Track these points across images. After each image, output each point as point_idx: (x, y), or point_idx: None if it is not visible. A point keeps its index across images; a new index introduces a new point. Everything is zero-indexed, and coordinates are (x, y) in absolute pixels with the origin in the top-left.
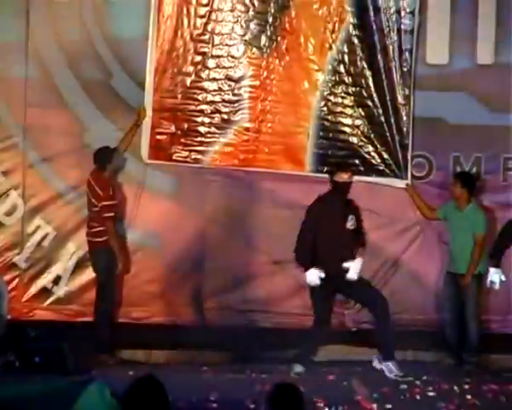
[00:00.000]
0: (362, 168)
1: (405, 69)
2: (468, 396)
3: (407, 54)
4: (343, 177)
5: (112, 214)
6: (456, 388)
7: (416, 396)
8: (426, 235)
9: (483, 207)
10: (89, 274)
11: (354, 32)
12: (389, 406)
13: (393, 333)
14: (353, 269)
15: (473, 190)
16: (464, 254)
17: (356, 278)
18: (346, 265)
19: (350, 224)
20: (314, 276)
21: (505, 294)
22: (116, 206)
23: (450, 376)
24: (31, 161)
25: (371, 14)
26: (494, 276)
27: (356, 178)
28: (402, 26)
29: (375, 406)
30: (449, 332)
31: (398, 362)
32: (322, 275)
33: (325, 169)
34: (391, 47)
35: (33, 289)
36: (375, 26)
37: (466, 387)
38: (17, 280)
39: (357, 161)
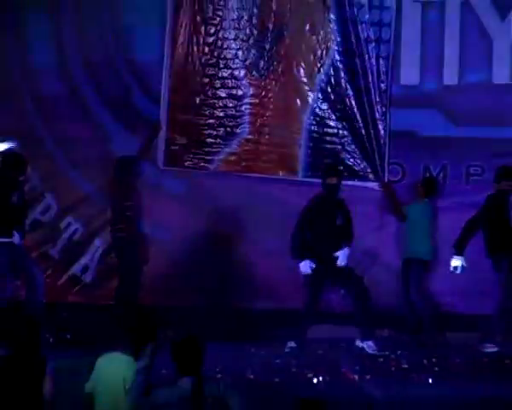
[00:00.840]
0: (345, 173)
1: (382, 89)
2: (436, 368)
3: (383, 76)
4: (332, 180)
5: (130, 213)
6: (425, 361)
7: (392, 368)
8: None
9: (434, 206)
10: (111, 264)
11: (338, 58)
12: (368, 376)
13: (371, 315)
14: (342, 257)
15: (431, 191)
16: (416, 242)
17: (344, 264)
18: (336, 254)
19: (339, 221)
20: (306, 267)
21: (459, 278)
22: (134, 206)
23: (420, 351)
24: (62, 168)
25: (353, 42)
26: (456, 262)
27: (332, 180)
28: (379, 53)
29: (356, 376)
30: (408, 313)
31: (376, 340)
32: (314, 266)
33: (315, 174)
34: (370, 71)
35: (65, 277)
36: (356, 53)
37: (433, 360)
38: (51, 269)
39: (341, 168)
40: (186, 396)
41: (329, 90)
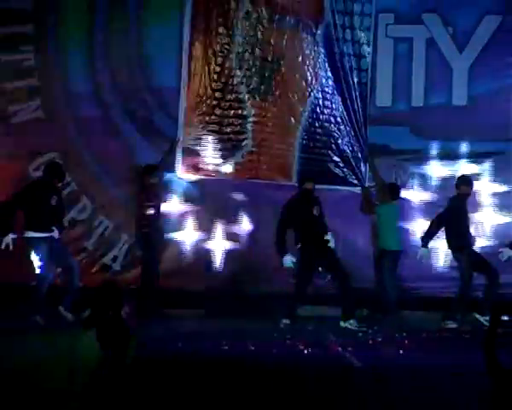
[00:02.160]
0: (331, 179)
1: (362, 110)
2: (406, 341)
3: (363, 99)
4: (308, 186)
5: (148, 213)
6: (396, 335)
7: (369, 341)
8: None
9: (399, 206)
10: (136, 255)
11: (326, 84)
12: (350, 348)
13: (353, 298)
14: (332, 239)
15: (396, 195)
16: (386, 235)
17: (333, 246)
18: (327, 237)
19: (315, 211)
20: (288, 261)
21: (424, 266)
22: (154, 206)
23: (391, 327)
24: (96, 176)
25: (340, 72)
26: (423, 252)
27: (327, 186)
28: (360, 80)
29: (339, 348)
30: (380, 295)
31: (356, 318)
32: (294, 260)
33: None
34: (353, 94)
35: (97, 266)
36: (342, 81)
37: (403, 335)
38: (86, 259)
39: (328, 174)
40: None
41: (318, 110)
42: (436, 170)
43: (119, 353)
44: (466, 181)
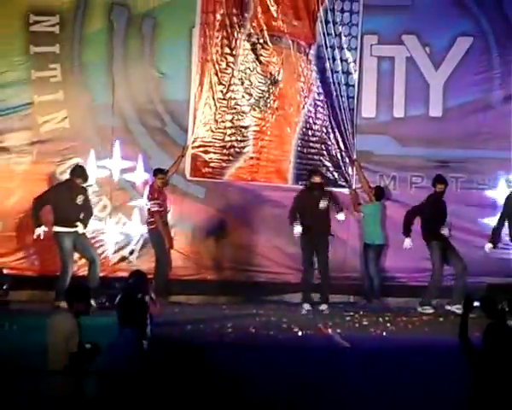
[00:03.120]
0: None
1: (349, 121)
2: (388, 324)
3: (351, 111)
4: (316, 179)
5: (156, 209)
6: (380, 319)
7: (356, 324)
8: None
9: (383, 206)
10: (150, 248)
11: (318, 97)
12: (339, 330)
13: (329, 286)
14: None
15: (380, 196)
16: (371, 230)
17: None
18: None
19: (322, 205)
20: (298, 228)
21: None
22: (161, 205)
23: (376, 311)
24: (115, 177)
25: (330, 87)
26: (406, 242)
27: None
28: (348, 94)
29: (329, 330)
30: (366, 284)
31: (344, 304)
32: (300, 228)
33: (300, 183)
34: (342, 107)
35: (117, 258)
36: (332, 95)
37: (386, 318)
38: (107, 252)
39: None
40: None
41: (311, 121)
42: (414, 173)
43: (140, 331)
44: (440, 180)
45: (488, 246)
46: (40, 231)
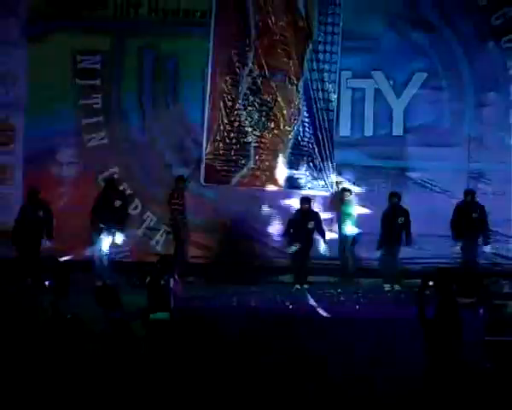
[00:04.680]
0: (308, 185)
1: (330, 138)
2: (361, 299)
3: (331, 130)
4: (304, 206)
5: (176, 207)
6: (354, 295)
7: (334, 299)
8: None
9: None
10: (171, 239)
11: (305, 119)
12: (322, 304)
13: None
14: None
15: (352, 195)
16: (346, 224)
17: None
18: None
19: (310, 225)
20: (293, 248)
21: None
22: (180, 204)
23: (350, 289)
24: (145, 184)
25: (315, 112)
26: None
27: (303, 191)
28: (329, 117)
29: (315, 304)
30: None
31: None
32: (295, 248)
33: (292, 188)
34: (323, 126)
35: (146, 247)
36: (316, 118)
37: (359, 294)
38: (137, 243)
39: (307, 183)
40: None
41: (300, 138)
42: (380, 180)
43: (163, 308)
44: (394, 194)
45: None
46: (101, 231)
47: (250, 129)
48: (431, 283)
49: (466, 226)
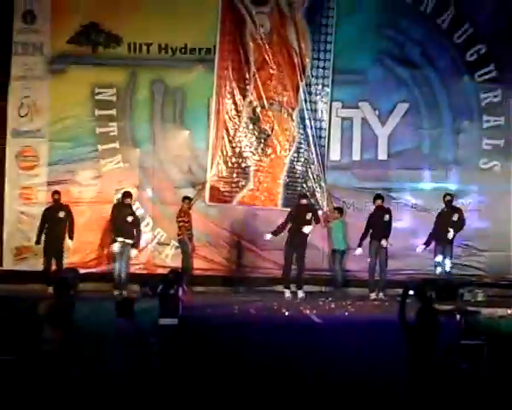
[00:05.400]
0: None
1: (322, 162)
2: (349, 307)
3: (323, 155)
4: (302, 201)
5: (183, 224)
6: (343, 303)
7: (326, 307)
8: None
9: (344, 221)
10: (179, 253)
11: (299, 145)
12: (314, 311)
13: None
14: (306, 229)
15: (341, 214)
16: (336, 239)
17: (307, 231)
18: (304, 229)
19: (308, 217)
20: (269, 236)
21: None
22: (186, 221)
23: (340, 298)
24: (155, 202)
25: (308, 138)
26: (359, 251)
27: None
28: (320, 143)
29: (307, 311)
30: (333, 278)
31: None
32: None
33: (287, 207)
34: (316, 151)
35: (157, 260)
36: (310, 143)
37: (348, 303)
38: (149, 256)
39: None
40: None
41: (294, 162)
42: (367, 200)
43: (172, 314)
44: (379, 196)
45: (421, 247)
46: (117, 245)
47: (250, 154)
48: (411, 292)
49: (446, 229)
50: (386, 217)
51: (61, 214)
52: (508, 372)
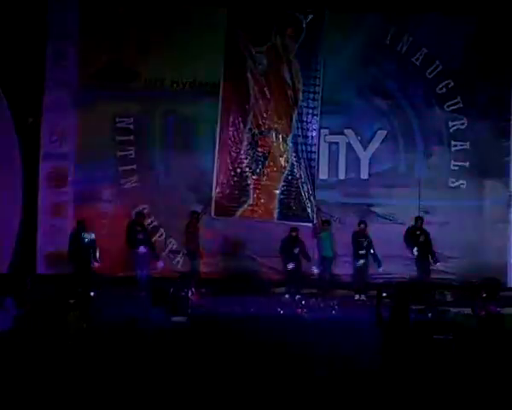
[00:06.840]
0: (296, 218)
1: (311, 181)
2: (336, 306)
3: (313, 174)
4: (292, 234)
5: (191, 235)
6: (331, 303)
7: (316, 306)
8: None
9: (331, 232)
10: (188, 259)
11: (292, 166)
12: (305, 310)
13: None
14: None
15: (328, 226)
16: (325, 248)
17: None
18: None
19: (296, 251)
20: (291, 265)
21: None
22: (192, 233)
23: (328, 298)
24: (168, 215)
25: (300, 160)
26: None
27: (291, 222)
28: (311, 164)
29: (300, 310)
30: (322, 281)
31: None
32: (292, 265)
33: (283, 219)
34: (306, 172)
35: (170, 266)
36: (301, 165)
37: (334, 303)
38: (164, 263)
39: (294, 216)
40: None
41: (288, 181)
42: (351, 214)
43: (183, 313)
44: (362, 222)
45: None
46: (142, 249)
47: (249, 174)
48: (384, 294)
49: (416, 245)
50: (365, 243)
51: (86, 240)
52: (470, 360)
